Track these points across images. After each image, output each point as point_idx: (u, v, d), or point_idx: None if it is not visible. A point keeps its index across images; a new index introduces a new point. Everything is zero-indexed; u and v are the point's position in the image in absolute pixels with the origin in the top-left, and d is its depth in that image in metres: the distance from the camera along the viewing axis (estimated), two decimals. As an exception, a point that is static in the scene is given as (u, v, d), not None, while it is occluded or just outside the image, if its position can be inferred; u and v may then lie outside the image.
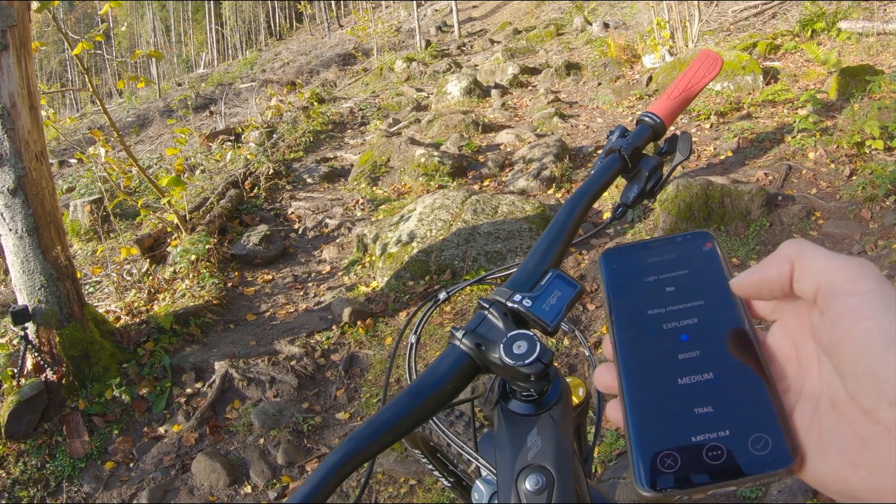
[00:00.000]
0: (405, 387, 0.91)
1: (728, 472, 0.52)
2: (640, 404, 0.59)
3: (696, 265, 0.67)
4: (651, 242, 0.71)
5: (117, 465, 4.52)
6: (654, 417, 0.57)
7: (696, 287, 0.65)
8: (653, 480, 0.54)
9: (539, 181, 7.81)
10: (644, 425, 0.57)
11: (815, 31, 11.52)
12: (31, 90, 4.73)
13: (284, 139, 11.19)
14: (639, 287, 0.67)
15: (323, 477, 0.82)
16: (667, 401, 0.58)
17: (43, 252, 4.75)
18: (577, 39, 17.62)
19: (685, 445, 0.54)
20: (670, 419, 0.57)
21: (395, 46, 24.02)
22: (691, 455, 0.54)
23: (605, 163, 1.29)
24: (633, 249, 0.71)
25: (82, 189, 9.58)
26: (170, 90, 28.86)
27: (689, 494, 0.53)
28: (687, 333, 0.62)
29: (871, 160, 6.58)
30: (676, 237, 0.70)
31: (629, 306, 0.66)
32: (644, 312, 0.65)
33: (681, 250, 0.69)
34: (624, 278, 0.69)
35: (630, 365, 0.62)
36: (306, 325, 5.71)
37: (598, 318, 5.16)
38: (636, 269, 0.69)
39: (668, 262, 0.68)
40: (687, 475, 0.53)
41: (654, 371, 0.60)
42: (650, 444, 0.56)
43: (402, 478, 4.05)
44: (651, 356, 0.62)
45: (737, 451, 0.52)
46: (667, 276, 0.67)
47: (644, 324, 0.64)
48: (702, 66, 1.42)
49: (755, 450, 0.52)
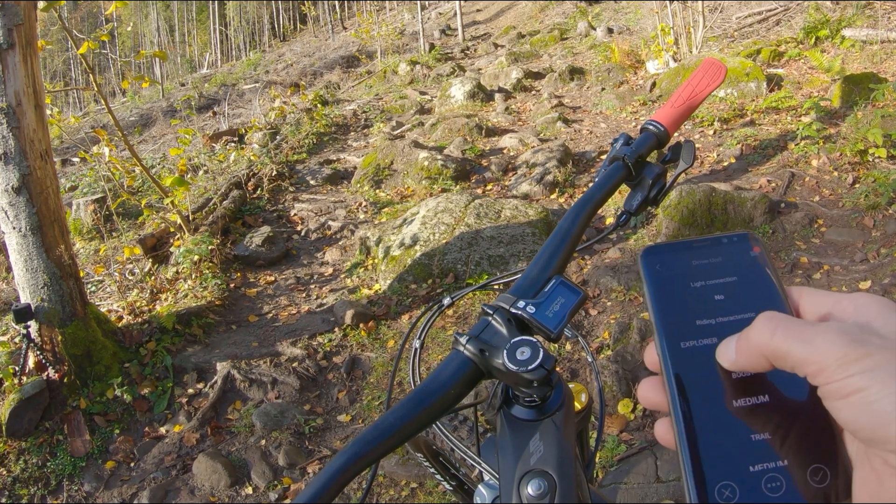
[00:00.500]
0: (408, 391, 0.92)
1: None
2: (694, 426, 0.56)
3: (745, 272, 0.63)
4: (695, 243, 0.66)
5: (118, 465, 4.52)
6: (711, 444, 0.54)
7: (746, 297, 0.61)
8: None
9: (542, 186, 7.82)
10: (699, 449, 0.54)
11: (820, 39, 11.52)
12: (37, 89, 4.74)
13: (288, 141, 11.21)
14: (685, 293, 0.63)
15: (327, 480, 0.82)
16: (722, 425, 0.55)
17: (46, 251, 4.76)
18: (581, 44, 17.64)
19: (743, 476, 0.52)
20: (727, 446, 0.54)
21: (398, 49, 24.03)
22: (750, 486, 0.51)
23: (609, 170, 1.30)
24: (677, 249, 0.66)
25: (85, 188, 9.59)
26: (173, 90, 28.91)
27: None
28: None
29: (874, 168, 6.59)
30: (721, 238, 0.66)
31: (676, 314, 0.62)
32: (693, 323, 0.61)
33: (727, 254, 0.64)
34: (668, 282, 0.64)
35: (680, 382, 0.58)
36: (308, 326, 5.71)
37: (601, 323, 5.16)
38: (680, 271, 0.64)
39: (716, 266, 0.64)
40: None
41: (708, 391, 0.57)
42: (707, 471, 0.53)
43: (404, 481, 4.06)
44: (703, 375, 0.58)
45: (796, 482, 0.51)
46: (715, 282, 0.63)
47: (694, 336, 0.60)
48: (706, 75, 1.42)
49: (814, 482, 0.50)
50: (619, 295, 5.39)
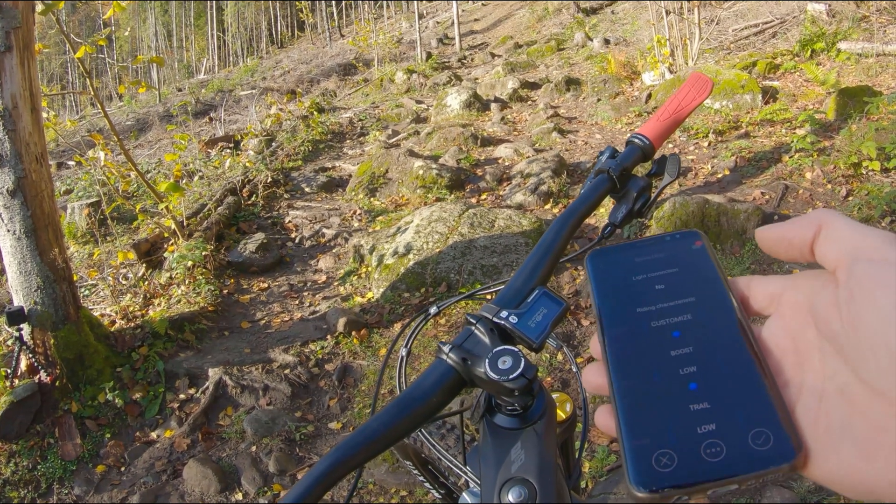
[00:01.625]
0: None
1: (728, 469, 0.49)
2: (632, 403, 0.56)
3: (687, 263, 0.64)
4: (639, 242, 0.68)
5: (109, 469, 4.52)
6: (648, 416, 0.54)
7: (687, 284, 0.62)
8: (648, 480, 0.50)
9: (536, 196, 7.83)
10: (637, 423, 0.54)
11: (815, 52, 11.54)
12: (34, 92, 4.74)
13: (283, 148, 11.22)
14: (627, 286, 0.65)
15: (310, 484, 0.83)
16: (660, 398, 0.55)
17: (40, 254, 4.76)
18: (577, 55, 17.66)
19: (682, 443, 0.52)
20: (665, 417, 0.54)
21: (395, 58, 24.06)
22: (689, 453, 0.51)
23: (594, 183, 1.31)
24: (621, 250, 0.69)
25: (80, 192, 9.58)
26: (170, 95, 28.91)
27: (689, 494, 0.50)
28: (679, 330, 0.59)
29: (867, 181, 6.60)
30: (665, 236, 0.67)
31: (617, 305, 0.64)
32: (633, 311, 0.62)
33: (670, 249, 0.66)
34: (611, 277, 0.67)
35: (620, 363, 0.59)
36: (301, 334, 5.72)
37: (592, 333, 5.16)
38: (624, 268, 0.67)
39: (657, 260, 0.66)
40: (684, 474, 0.50)
41: (646, 369, 0.58)
42: (644, 442, 0.53)
43: (393, 489, 4.06)
44: (642, 354, 0.59)
45: (737, 447, 0.50)
46: (656, 273, 0.64)
47: (634, 322, 0.61)
48: (692, 89, 1.44)
49: (756, 445, 0.50)
50: (611, 305, 5.39)
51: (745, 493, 3.56)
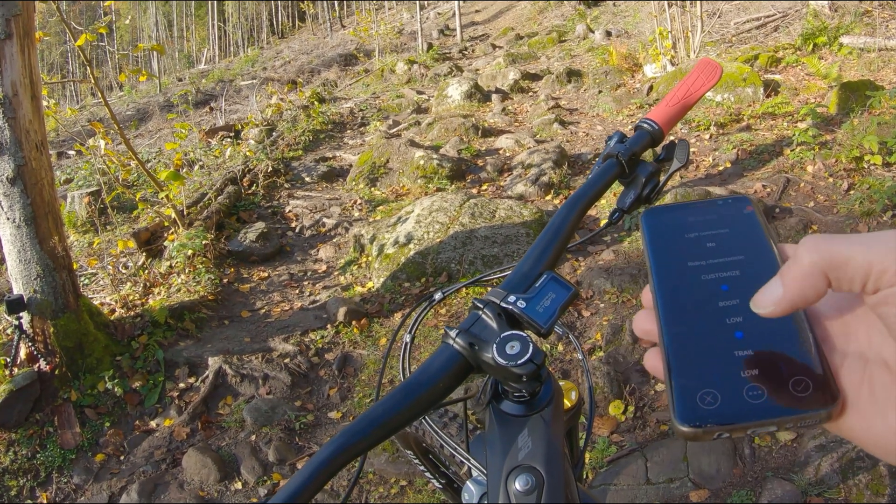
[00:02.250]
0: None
1: (768, 411, 0.52)
2: (680, 345, 0.59)
3: (737, 224, 0.67)
4: (691, 204, 0.71)
5: (108, 458, 4.52)
6: (695, 358, 0.58)
7: (737, 243, 0.65)
8: (692, 416, 0.54)
9: (537, 187, 7.82)
10: (684, 364, 0.58)
11: (817, 46, 11.52)
12: (34, 80, 4.73)
13: (284, 137, 11.20)
14: (679, 241, 0.68)
15: (313, 471, 0.82)
16: (707, 343, 0.59)
17: (40, 242, 4.75)
18: (578, 47, 17.62)
19: (725, 384, 0.55)
20: (711, 360, 0.57)
21: (396, 48, 24.03)
22: (732, 393, 0.54)
23: (602, 167, 1.30)
24: (674, 209, 0.72)
25: (80, 181, 9.57)
26: (170, 85, 28.88)
27: (729, 432, 0.53)
28: (727, 284, 0.62)
29: (869, 175, 6.59)
30: (717, 200, 0.71)
31: (669, 258, 0.67)
32: (684, 264, 0.65)
33: (721, 211, 0.69)
34: (664, 233, 0.70)
35: (670, 310, 0.63)
36: (301, 323, 5.71)
37: (593, 324, 5.17)
38: (676, 225, 0.70)
39: (709, 221, 0.69)
40: (726, 412, 0.53)
41: (695, 316, 0.61)
42: (690, 382, 0.56)
43: (393, 478, 4.05)
44: (691, 303, 0.62)
45: (777, 391, 0.53)
46: (707, 232, 0.68)
47: (684, 274, 0.65)
48: (701, 75, 1.42)
49: (796, 391, 0.52)
50: (612, 297, 5.39)
51: (746, 483, 3.56)
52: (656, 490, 3.63)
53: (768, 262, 0.62)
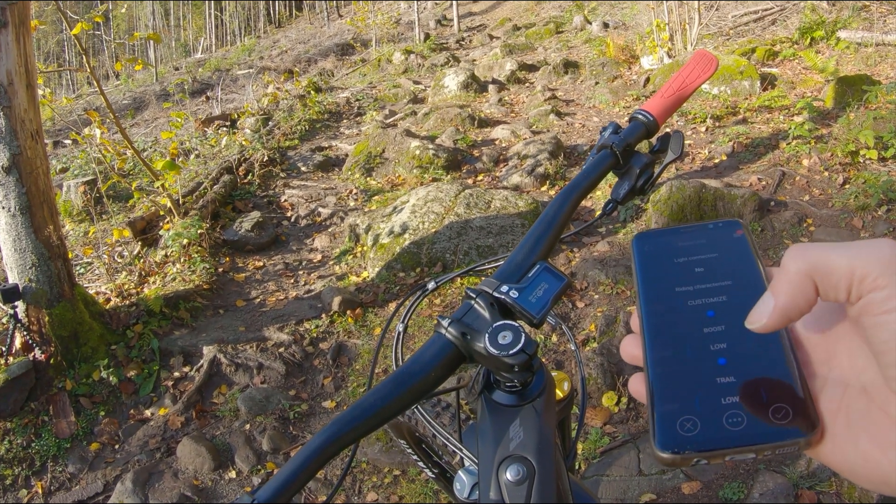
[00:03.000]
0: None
1: (747, 438, 0.52)
2: (663, 372, 0.60)
3: (727, 249, 0.67)
4: (683, 228, 0.72)
5: (103, 447, 4.52)
6: (677, 385, 0.58)
7: (725, 268, 0.66)
8: (672, 443, 0.54)
9: (533, 178, 7.82)
10: (666, 391, 0.58)
11: (815, 40, 11.52)
12: (29, 68, 4.71)
13: (280, 127, 11.18)
14: (668, 266, 0.68)
15: (305, 460, 0.82)
16: (690, 370, 0.59)
17: (35, 231, 4.74)
18: (576, 38, 17.60)
19: (705, 411, 0.55)
20: (692, 387, 0.57)
21: (393, 38, 23.96)
22: (711, 420, 0.54)
23: (596, 158, 1.30)
24: (665, 234, 0.72)
25: (76, 170, 9.55)
26: (167, 74, 28.78)
27: (707, 458, 0.53)
28: (714, 310, 0.62)
29: (864, 169, 6.60)
30: (708, 224, 0.71)
31: (658, 283, 0.67)
32: (672, 289, 0.66)
33: (712, 236, 0.70)
34: (654, 258, 0.70)
35: (655, 335, 0.63)
36: (296, 312, 5.71)
37: (587, 315, 5.17)
38: (666, 250, 0.70)
39: (699, 245, 0.69)
40: (705, 439, 0.53)
41: (679, 342, 0.61)
42: (671, 408, 0.56)
43: (387, 468, 4.06)
44: (677, 328, 0.63)
45: (757, 419, 0.53)
46: (697, 257, 0.68)
47: (671, 299, 0.65)
48: (697, 66, 1.42)
49: (775, 419, 0.52)
50: (606, 288, 5.40)
51: (738, 476, 3.57)
52: (649, 481, 3.64)
53: (756, 288, 0.62)
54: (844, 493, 3.28)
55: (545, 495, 0.89)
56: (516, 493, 0.89)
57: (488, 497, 0.91)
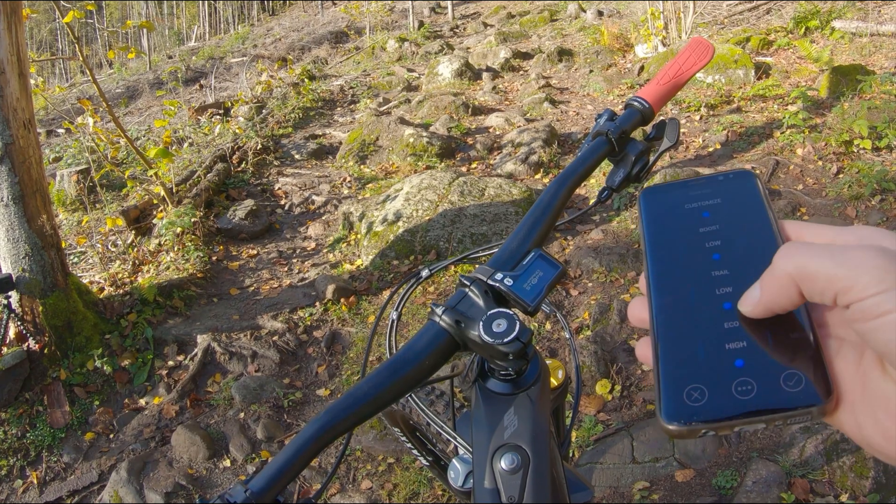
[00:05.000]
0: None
1: (756, 408, 0.50)
2: (670, 337, 0.57)
3: (737, 199, 0.65)
4: (692, 181, 0.69)
5: (97, 436, 4.52)
6: (684, 351, 0.56)
7: (734, 217, 0.64)
8: (678, 413, 0.52)
9: (527, 165, 7.81)
10: (672, 358, 0.56)
11: (809, 29, 11.52)
12: (21, 57, 4.69)
13: (274, 115, 11.16)
14: (676, 220, 0.66)
15: (298, 449, 0.82)
16: (698, 333, 0.56)
17: (28, 221, 4.73)
18: (570, 26, 17.58)
19: (714, 379, 0.53)
20: (700, 352, 0.55)
21: (387, 26, 23.90)
22: (720, 389, 0.52)
23: (591, 145, 1.29)
24: (674, 187, 0.70)
25: (69, 159, 9.52)
26: (160, 62, 28.69)
27: (715, 430, 0.52)
28: (720, 253, 0.61)
29: (858, 159, 6.61)
30: (717, 175, 0.68)
31: (664, 237, 0.65)
32: (679, 241, 0.64)
33: (722, 186, 0.67)
34: (661, 213, 0.68)
35: (661, 284, 0.61)
36: (290, 300, 5.71)
37: (581, 303, 5.18)
38: (674, 204, 0.68)
39: (708, 196, 0.67)
40: (714, 409, 0.51)
41: (685, 287, 0.60)
42: (678, 376, 0.54)
43: (381, 456, 4.07)
44: (682, 274, 0.61)
45: (767, 386, 0.51)
46: (706, 207, 0.65)
47: (678, 250, 0.63)
48: (693, 53, 1.42)
49: (787, 386, 0.50)
50: (600, 276, 5.40)
51: (731, 464, 3.58)
52: (642, 469, 3.65)
53: (767, 238, 0.60)
54: (837, 482, 3.29)
55: (539, 484, 0.89)
56: (511, 481, 0.89)
57: (482, 485, 0.91)
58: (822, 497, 3.27)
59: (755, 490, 3.32)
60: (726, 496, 3.38)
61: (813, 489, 3.31)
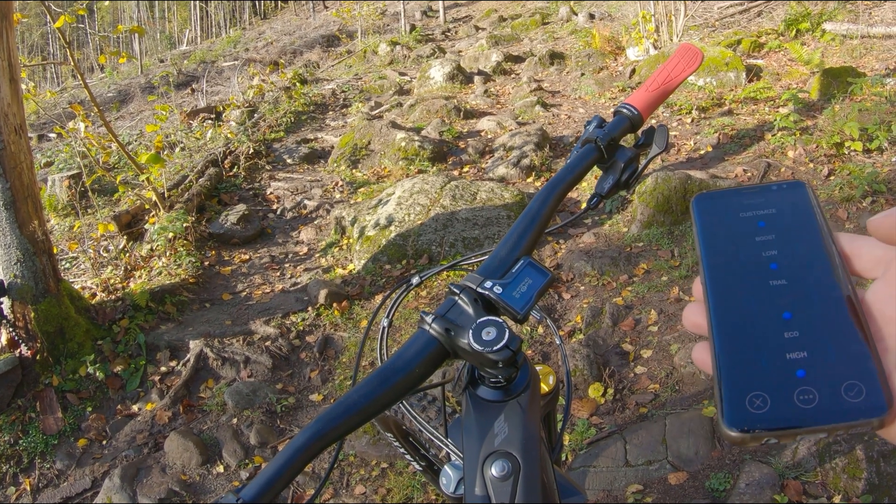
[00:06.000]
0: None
1: (819, 417, 0.50)
2: (729, 342, 0.57)
3: (791, 210, 0.65)
4: (745, 189, 0.69)
5: (90, 443, 4.51)
6: (745, 357, 0.55)
7: (790, 228, 0.63)
8: (741, 421, 0.52)
9: (519, 169, 7.82)
10: (734, 364, 0.55)
11: (800, 31, 11.55)
12: (12, 62, 4.69)
13: (265, 119, 11.16)
14: (730, 227, 0.66)
15: (290, 457, 0.82)
16: (759, 342, 0.56)
17: (20, 226, 4.72)
18: (562, 29, 17.59)
19: (776, 387, 0.53)
20: (762, 360, 0.55)
21: (379, 29, 23.91)
22: (782, 397, 0.52)
23: (581, 152, 1.29)
24: (726, 194, 0.70)
25: (61, 164, 9.52)
26: (152, 66, 28.66)
27: (778, 438, 0.52)
28: (777, 263, 0.61)
29: (849, 161, 6.62)
30: (771, 185, 0.68)
31: (720, 245, 0.65)
32: (735, 249, 0.64)
33: (775, 196, 0.67)
34: (715, 219, 0.68)
35: (719, 294, 0.61)
36: (282, 305, 5.71)
37: (573, 307, 5.18)
38: (728, 211, 0.68)
39: (761, 205, 0.66)
40: (776, 417, 0.51)
41: (744, 298, 0.59)
42: (740, 383, 0.54)
43: (374, 461, 4.07)
44: (741, 285, 0.61)
45: (829, 396, 0.51)
46: (759, 216, 0.65)
47: (734, 259, 0.63)
48: (682, 60, 1.42)
49: (848, 397, 0.50)
50: (592, 279, 5.41)
51: (724, 466, 3.58)
52: (635, 472, 3.65)
53: (821, 249, 0.60)
54: (830, 483, 3.30)
55: (530, 491, 0.89)
56: (501, 488, 0.90)
57: (473, 492, 0.91)
58: (815, 499, 3.27)
59: (748, 492, 3.33)
60: (719, 498, 3.38)
61: (806, 491, 3.32)
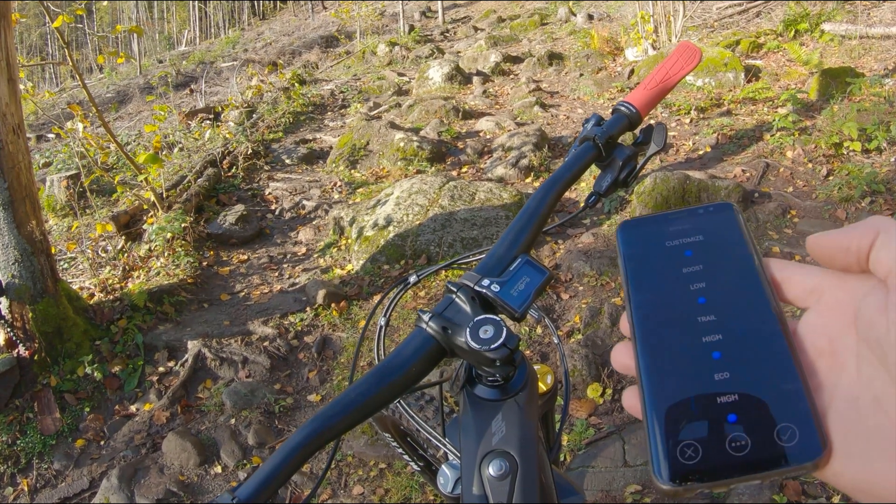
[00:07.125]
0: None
1: (753, 464, 0.48)
2: (659, 388, 0.54)
3: (718, 234, 0.62)
4: (671, 214, 0.66)
5: (88, 443, 4.51)
6: (675, 403, 0.53)
7: (716, 254, 0.61)
8: (672, 474, 0.50)
9: (517, 169, 7.82)
10: (664, 411, 0.53)
11: (799, 32, 11.57)
12: (10, 62, 4.68)
13: (264, 119, 11.15)
14: (655, 256, 0.63)
15: (286, 457, 0.82)
16: (688, 385, 0.53)
17: (18, 226, 4.71)
18: (560, 30, 17.61)
19: (707, 435, 0.50)
20: (692, 406, 0.52)
21: (378, 30, 23.91)
22: (714, 446, 0.49)
23: (578, 150, 1.29)
24: (653, 220, 0.67)
25: (59, 164, 9.51)
26: (151, 67, 28.66)
27: (711, 488, 0.49)
28: (705, 297, 0.58)
29: (848, 161, 6.63)
30: (698, 209, 0.65)
31: (644, 274, 0.62)
32: (660, 279, 0.61)
33: (701, 220, 0.64)
34: (641, 248, 0.64)
35: (645, 331, 0.58)
36: (280, 306, 5.70)
37: (572, 307, 5.18)
38: (653, 238, 0.64)
39: (688, 230, 0.63)
40: (708, 469, 0.49)
41: (671, 337, 0.57)
42: (670, 432, 0.51)
43: (372, 461, 4.06)
44: (668, 322, 0.58)
45: (762, 443, 0.49)
46: (686, 242, 0.62)
47: (659, 289, 0.60)
48: (680, 58, 1.42)
49: (782, 441, 0.48)
50: (591, 280, 5.40)
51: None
52: (634, 472, 3.65)
53: (751, 280, 0.57)
54: (829, 485, 3.29)
55: (528, 490, 0.89)
56: (499, 488, 0.89)
57: (471, 492, 0.91)
58: (815, 499, 3.27)
59: (747, 492, 3.32)
60: (718, 499, 3.38)
61: (805, 491, 3.32)
